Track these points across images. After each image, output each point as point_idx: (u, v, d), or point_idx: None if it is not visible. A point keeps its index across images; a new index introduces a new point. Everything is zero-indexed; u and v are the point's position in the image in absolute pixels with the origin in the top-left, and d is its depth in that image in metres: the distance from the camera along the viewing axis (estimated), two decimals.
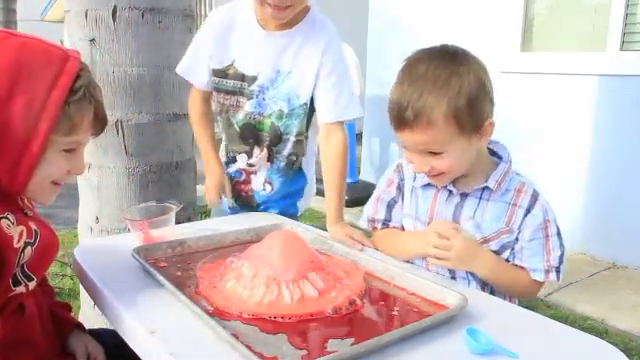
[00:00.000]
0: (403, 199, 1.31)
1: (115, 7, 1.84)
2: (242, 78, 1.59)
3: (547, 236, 1.17)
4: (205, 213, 4.17)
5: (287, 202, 1.73)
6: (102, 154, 1.92)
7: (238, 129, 1.64)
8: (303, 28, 1.54)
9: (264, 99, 1.58)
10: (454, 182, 1.21)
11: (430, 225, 1.22)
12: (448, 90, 1.07)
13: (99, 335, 1.21)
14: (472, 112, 1.09)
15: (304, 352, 0.86)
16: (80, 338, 1.17)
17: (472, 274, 1.20)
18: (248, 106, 1.60)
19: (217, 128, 1.75)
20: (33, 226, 1.02)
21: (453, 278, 1.22)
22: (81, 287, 2.04)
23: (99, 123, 1.05)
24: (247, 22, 1.56)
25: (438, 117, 1.08)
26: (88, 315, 2.05)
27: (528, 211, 1.17)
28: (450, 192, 1.21)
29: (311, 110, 1.60)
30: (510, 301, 1.20)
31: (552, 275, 1.17)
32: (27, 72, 0.93)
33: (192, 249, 1.30)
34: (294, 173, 1.69)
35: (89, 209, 2.01)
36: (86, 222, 2.03)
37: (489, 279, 1.17)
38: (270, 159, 1.65)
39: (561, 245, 1.18)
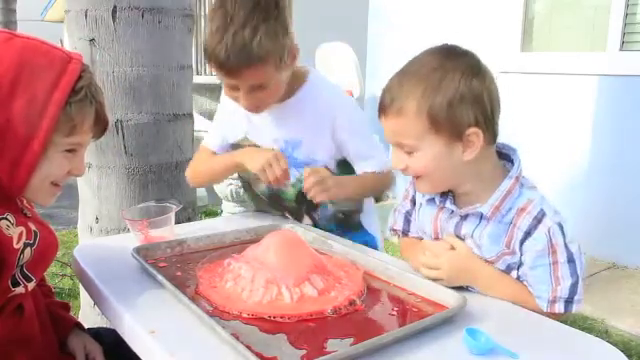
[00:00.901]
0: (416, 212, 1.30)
1: (115, 7, 1.84)
2: None
3: (555, 263, 1.06)
4: (205, 213, 4.18)
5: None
6: (102, 154, 1.92)
7: (266, 199, 1.60)
8: (304, 95, 1.47)
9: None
10: (456, 200, 1.16)
11: (426, 242, 1.21)
12: (427, 82, 1.04)
13: (98, 334, 1.22)
14: (450, 112, 1.03)
15: (304, 352, 0.86)
16: (79, 337, 1.17)
17: None
18: None
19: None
20: (32, 227, 1.02)
21: None
22: (81, 287, 2.04)
23: (100, 125, 1.06)
24: None
25: (410, 107, 1.04)
26: (88, 315, 2.05)
27: (528, 234, 1.07)
28: (452, 212, 1.16)
29: (344, 167, 1.51)
30: None
31: (559, 306, 1.07)
32: (29, 73, 0.93)
33: (192, 249, 1.30)
34: (354, 232, 1.57)
35: (89, 209, 2.01)
36: (86, 222, 2.03)
37: (488, 293, 1.12)
38: (315, 224, 1.55)
39: (574, 273, 1.06)
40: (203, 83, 3.31)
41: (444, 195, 1.18)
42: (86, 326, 1.24)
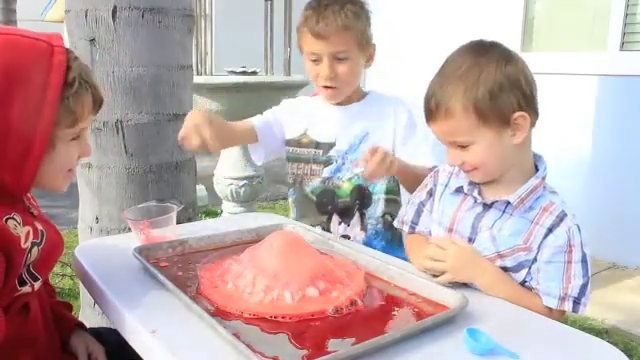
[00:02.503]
0: (433, 204, 1.31)
1: (115, 7, 1.84)
2: (316, 146, 1.61)
3: (569, 262, 1.11)
4: (205, 213, 4.17)
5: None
6: (102, 154, 1.92)
7: (315, 198, 1.61)
8: (369, 100, 1.62)
9: (344, 163, 1.59)
10: (483, 190, 1.19)
11: (431, 239, 1.23)
12: (467, 79, 1.09)
13: (100, 334, 1.22)
14: (494, 102, 1.08)
15: (305, 352, 0.86)
16: (81, 338, 1.17)
17: None
18: (326, 172, 1.60)
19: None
20: (39, 226, 1.01)
21: None
22: (81, 287, 2.04)
23: (97, 103, 1.05)
24: (315, 99, 1.68)
25: (456, 106, 1.09)
26: (88, 315, 2.05)
27: (550, 231, 1.11)
28: (475, 200, 1.19)
29: None
30: None
31: (568, 304, 1.10)
32: (18, 74, 0.92)
33: (193, 249, 1.30)
34: (399, 240, 1.60)
35: (89, 209, 2.01)
36: (86, 222, 2.03)
37: (489, 292, 1.12)
38: (363, 225, 1.57)
39: (586, 274, 1.12)
40: (203, 83, 3.30)
41: (472, 184, 1.21)
42: (87, 326, 1.24)
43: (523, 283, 1.15)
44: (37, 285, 1.02)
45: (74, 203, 2.09)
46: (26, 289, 0.99)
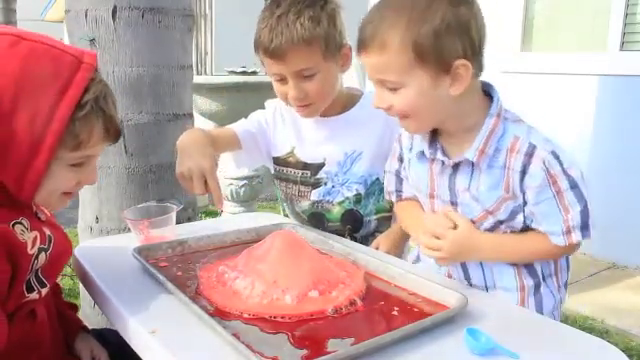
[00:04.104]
0: (406, 170, 1.25)
1: (115, 7, 1.84)
2: (304, 167, 1.49)
3: (558, 192, 1.03)
4: (205, 213, 4.17)
5: None
6: (102, 154, 1.90)
7: (306, 218, 1.54)
8: (363, 106, 1.45)
9: (333, 186, 1.47)
10: (445, 148, 1.11)
11: (426, 218, 1.16)
12: (411, 11, 0.98)
13: (102, 335, 1.21)
14: (437, 43, 0.97)
15: (304, 352, 0.86)
16: (86, 342, 1.17)
17: None
18: (314, 195, 1.49)
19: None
20: (47, 231, 1.00)
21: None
22: (81, 287, 2.04)
23: (111, 135, 0.98)
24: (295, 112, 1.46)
25: (393, 39, 0.98)
26: (88, 315, 2.05)
27: (524, 172, 1.03)
28: (443, 163, 1.12)
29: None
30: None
31: (575, 235, 1.04)
32: (32, 85, 0.87)
33: (193, 249, 1.30)
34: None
35: (89, 209, 2.01)
36: (86, 222, 2.03)
37: (499, 261, 1.09)
38: None
39: (581, 198, 1.04)
40: (203, 83, 3.31)
41: (433, 145, 1.13)
42: (87, 326, 1.24)
43: (527, 228, 1.10)
44: (44, 292, 1.01)
45: (74, 203, 2.08)
46: (33, 296, 0.98)
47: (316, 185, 1.49)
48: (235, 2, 7.01)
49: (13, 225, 0.92)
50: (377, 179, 1.44)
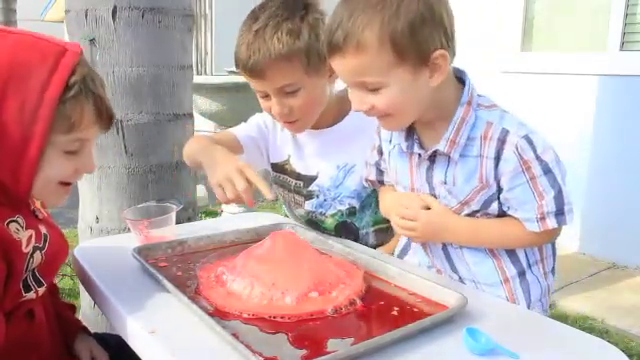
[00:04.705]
0: (386, 163, 1.25)
1: (115, 7, 1.84)
2: (297, 177, 1.47)
3: (532, 178, 1.02)
4: (205, 213, 4.17)
5: None
6: (102, 154, 1.92)
7: (304, 222, 1.52)
8: (357, 116, 1.28)
9: (325, 200, 1.44)
10: (422, 140, 1.11)
11: (400, 198, 1.16)
12: (383, 8, 0.95)
13: (103, 339, 1.21)
14: (414, 37, 0.95)
15: (304, 352, 0.86)
16: (85, 342, 1.17)
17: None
18: (308, 205, 1.47)
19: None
20: (43, 230, 1.00)
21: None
22: (81, 287, 2.04)
23: (104, 117, 0.98)
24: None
25: (371, 39, 0.95)
26: (88, 315, 2.05)
27: (497, 159, 1.02)
28: (419, 155, 1.11)
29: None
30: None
31: (550, 222, 1.02)
32: (19, 73, 0.89)
33: (192, 249, 1.29)
34: None
35: (89, 209, 2.01)
36: (86, 222, 2.03)
37: (475, 245, 1.09)
38: None
39: (555, 183, 1.02)
40: (203, 83, 3.31)
41: (410, 138, 1.12)
42: (86, 325, 1.24)
43: (503, 213, 1.09)
44: (41, 291, 1.01)
45: (74, 203, 2.09)
46: (31, 295, 0.98)
47: (309, 197, 1.47)
48: (235, 2, 7.01)
49: (8, 223, 0.93)
50: (373, 190, 1.40)
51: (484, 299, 1.09)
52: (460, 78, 1.09)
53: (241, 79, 3.78)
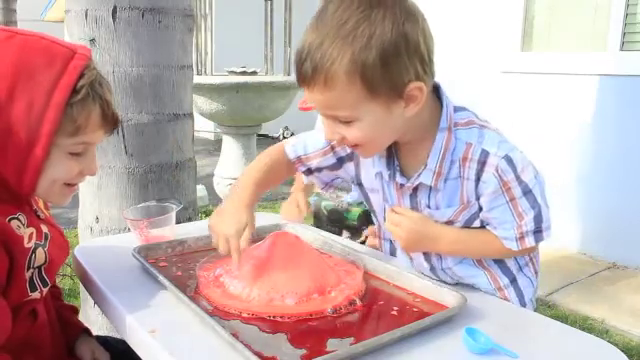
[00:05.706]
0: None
1: (115, 7, 1.84)
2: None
3: (512, 200, 1.00)
4: (205, 213, 4.17)
5: None
6: (102, 154, 1.92)
7: (326, 212, 1.60)
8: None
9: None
10: (402, 166, 1.08)
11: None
12: (354, 40, 0.87)
13: (106, 342, 1.21)
14: (387, 71, 0.88)
15: (303, 352, 0.86)
16: (87, 344, 1.17)
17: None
18: (347, 197, 1.58)
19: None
20: (44, 229, 1.01)
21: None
22: (81, 287, 2.04)
23: (109, 121, 0.99)
24: None
25: (339, 73, 0.88)
26: (89, 315, 2.05)
27: (478, 180, 1.01)
28: (402, 185, 1.09)
29: None
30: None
31: (528, 240, 1.02)
32: (27, 74, 0.90)
33: (192, 249, 1.30)
34: None
35: (89, 209, 2.01)
36: (86, 222, 2.03)
37: (456, 254, 1.09)
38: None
39: (535, 204, 1.01)
40: (203, 83, 3.30)
41: (390, 166, 1.09)
42: (86, 325, 1.24)
43: (484, 227, 1.09)
44: (45, 291, 1.02)
45: (74, 203, 2.08)
46: (35, 295, 0.98)
47: (340, 188, 1.54)
48: (235, 2, 7.02)
49: (10, 220, 0.93)
50: None
51: (484, 299, 1.09)
52: (435, 87, 1.04)
53: (241, 79, 3.76)
